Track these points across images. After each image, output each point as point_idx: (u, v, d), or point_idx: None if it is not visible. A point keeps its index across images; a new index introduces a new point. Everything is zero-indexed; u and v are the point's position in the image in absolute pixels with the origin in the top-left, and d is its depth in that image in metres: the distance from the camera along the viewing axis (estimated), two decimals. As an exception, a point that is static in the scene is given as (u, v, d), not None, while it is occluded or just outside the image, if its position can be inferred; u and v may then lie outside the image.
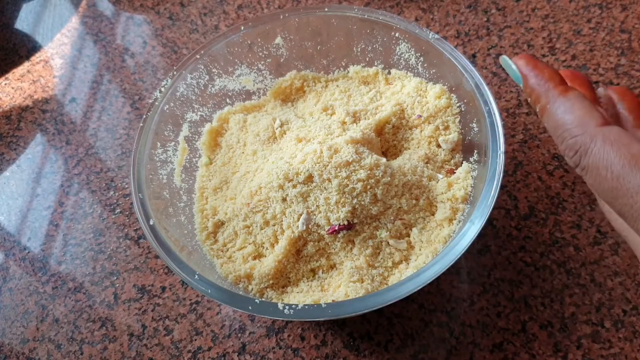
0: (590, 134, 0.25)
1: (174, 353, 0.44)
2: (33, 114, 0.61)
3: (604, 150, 0.24)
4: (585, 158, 0.25)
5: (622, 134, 0.25)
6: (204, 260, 0.42)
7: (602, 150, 0.24)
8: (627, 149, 0.24)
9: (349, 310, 0.34)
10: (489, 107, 0.41)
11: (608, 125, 0.25)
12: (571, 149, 0.26)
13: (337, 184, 0.40)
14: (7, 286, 0.49)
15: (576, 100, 0.26)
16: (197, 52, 0.48)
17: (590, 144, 0.25)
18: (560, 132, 0.26)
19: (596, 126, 0.25)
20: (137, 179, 0.41)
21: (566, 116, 0.26)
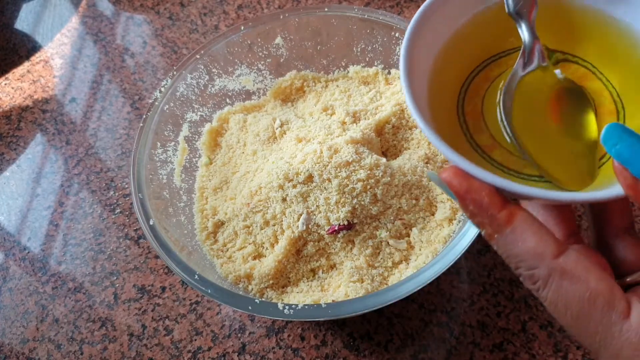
0: (547, 267, 0.22)
1: (174, 353, 0.44)
2: (33, 114, 0.61)
3: (562, 287, 0.22)
4: (543, 291, 0.23)
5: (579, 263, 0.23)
6: (204, 260, 0.42)
7: (560, 287, 0.22)
8: (585, 285, 0.22)
9: (349, 310, 0.34)
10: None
11: (565, 252, 0.23)
12: (529, 280, 0.24)
13: (337, 184, 0.40)
14: (7, 286, 0.49)
15: (526, 227, 0.23)
16: (197, 52, 0.48)
17: (548, 278, 0.23)
18: (515, 262, 0.23)
19: (552, 258, 0.23)
20: (137, 179, 0.41)
21: (517, 248, 0.23)
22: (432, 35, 0.30)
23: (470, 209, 0.24)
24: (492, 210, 0.23)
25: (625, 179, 0.21)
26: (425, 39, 0.29)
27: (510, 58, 0.30)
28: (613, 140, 0.22)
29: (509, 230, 0.23)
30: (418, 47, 0.29)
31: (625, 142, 0.22)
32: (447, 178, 0.24)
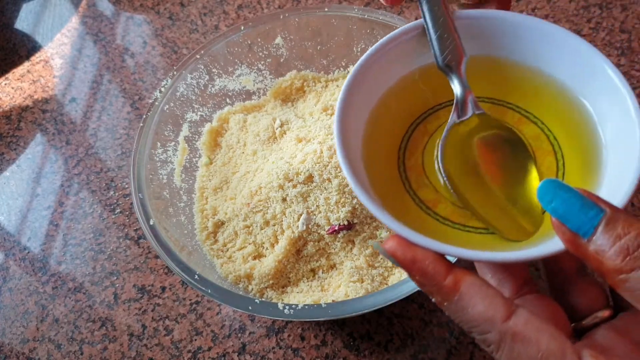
0: (498, 331, 0.22)
1: (174, 353, 0.44)
2: (33, 114, 0.61)
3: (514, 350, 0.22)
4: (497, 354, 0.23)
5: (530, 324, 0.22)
6: (204, 260, 0.42)
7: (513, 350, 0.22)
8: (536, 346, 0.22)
9: (349, 310, 0.34)
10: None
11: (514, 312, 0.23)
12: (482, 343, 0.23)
13: (337, 184, 0.40)
14: (7, 286, 0.49)
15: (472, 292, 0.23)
16: (197, 52, 0.48)
17: (500, 342, 0.22)
18: (467, 327, 0.23)
19: (502, 321, 0.22)
20: (137, 179, 0.41)
21: (467, 314, 0.23)
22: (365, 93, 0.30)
23: (417, 279, 0.24)
24: (438, 279, 0.23)
25: (564, 234, 0.22)
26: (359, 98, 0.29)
27: (447, 110, 0.30)
28: (548, 197, 0.22)
29: (456, 297, 0.23)
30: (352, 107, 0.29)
31: (560, 197, 0.22)
32: (390, 249, 0.24)
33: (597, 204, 0.21)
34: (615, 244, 0.20)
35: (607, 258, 0.20)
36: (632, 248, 0.20)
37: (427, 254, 0.23)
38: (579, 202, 0.21)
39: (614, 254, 0.20)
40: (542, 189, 0.22)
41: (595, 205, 0.21)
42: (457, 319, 0.24)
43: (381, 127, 0.30)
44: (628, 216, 0.21)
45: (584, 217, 0.21)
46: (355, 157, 0.28)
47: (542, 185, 0.22)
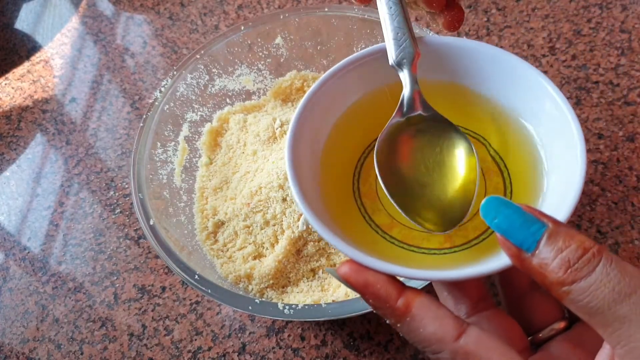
0: (450, 351, 0.23)
1: (174, 353, 0.44)
2: (33, 114, 0.61)
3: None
4: None
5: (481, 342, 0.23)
6: (204, 260, 0.42)
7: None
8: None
9: (349, 310, 0.34)
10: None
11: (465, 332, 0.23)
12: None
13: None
14: (7, 286, 0.49)
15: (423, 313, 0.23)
16: (197, 52, 0.48)
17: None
18: (421, 347, 0.24)
19: (453, 341, 0.23)
20: (137, 179, 0.41)
21: (419, 334, 0.23)
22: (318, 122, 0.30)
23: (371, 302, 0.24)
24: (390, 301, 0.24)
25: (509, 249, 0.22)
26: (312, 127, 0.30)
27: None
28: (492, 214, 0.22)
29: (408, 319, 0.23)
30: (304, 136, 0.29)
31: (502, 214, 0.22)
32: (344, 275, 0.24)
33: (539, 219, 0.21)
34: (557, 257, 0.21)
35: (549, 271, 0.21)
36: (573, 260, 0.20)
37: (378, 277, 0.24)
38: (521, 218, 0.22)
39: (556, 266, 0.20)
40: (485, 206, 0.23)
41: (537, 220, 0.21)
42: (410, 340, 0.24)
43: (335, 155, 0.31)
44: (569, 229, 0.21)
45: (527, 232, 0.21)
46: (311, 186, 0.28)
47: (485, 203, 0.23)
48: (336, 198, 0.30)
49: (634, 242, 0.45)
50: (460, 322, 0.23)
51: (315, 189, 0.29)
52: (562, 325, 0.27)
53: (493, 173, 0.29)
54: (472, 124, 0.31)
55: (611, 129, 0.51)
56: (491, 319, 0.27)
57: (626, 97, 0.53)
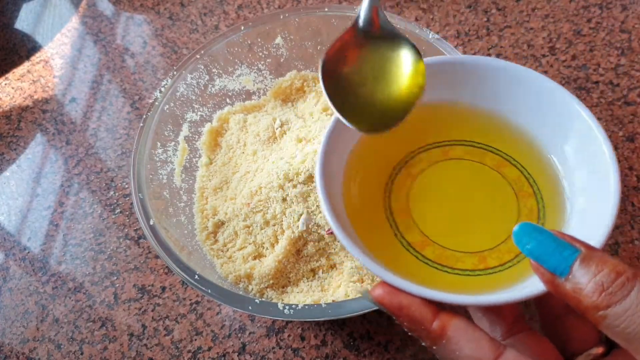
0: None
1: (174, 353, 0.44)
2: (33, 114, 0.61)
3: None
4: None
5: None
6: (204, 260, 0.42)
7: None
8: None
9: (349, 310, 0.34)
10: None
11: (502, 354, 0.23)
12: None
13: (337, 184, 0.40)
14: (7, 286, 0.49)
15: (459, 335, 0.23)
16: (197, 52, 0.48)
17: None
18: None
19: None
20: (137, 179, 0.41)
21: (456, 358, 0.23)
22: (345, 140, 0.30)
23: (405, 325, 0.24)
24: (425, 324, 0.24)
25: (542, 274, 0.22)
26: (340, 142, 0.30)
27: (428, 153, 0.31)
28: (524, 240, 0.23)
29: (444, 341, 0.23)
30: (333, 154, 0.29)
31: (535, 240, 0.22)
32: (378, 297, 0.24)
33: (571, 244, 0.22)
34: (590, 281, 0.21)
35: (584, 295, 0.21)
36: (607, 284, 0.20)
37: (413, 300, 0.24)
38: (554, 243, 0.22)
39: (590, 290, 0.20)
40: (517, 232, 0.23)
41: (569, 245, 0.22)
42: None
43: (362, 172, 0.31)
44: (603, 254, 0.21)
45: (559, 257, 0.21)
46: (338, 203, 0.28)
47: (517, 229, 0.23)
48: (365, 214, 0.29)
49: (634, 242, 0.45)
50: (496, 345, 0.23)
51: (342, 204, 0.29)
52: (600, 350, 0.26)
53: (527, 195, 0.29)
54: (500, 145, 0.31)
55: (611, 129, 0.51)
56: (527, 341, 0.27)
57: (626, 97, 0.53)
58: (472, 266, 0.27)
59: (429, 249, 0.28)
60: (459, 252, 0.28)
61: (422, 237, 0.28)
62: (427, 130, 0.31)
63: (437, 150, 0.31)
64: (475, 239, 0.28)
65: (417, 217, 0.29)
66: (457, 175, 0.30)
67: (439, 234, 0.28)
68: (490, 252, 0.27)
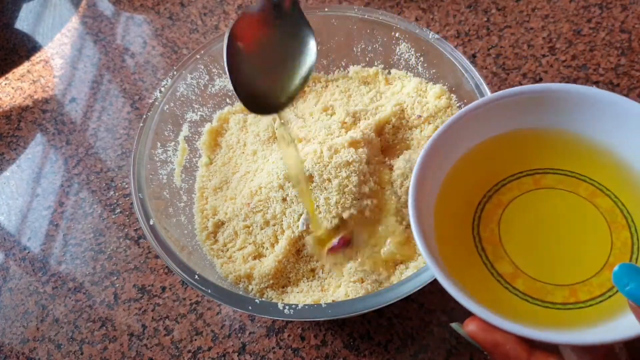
0: None
1: (174, 353, 0.44)
2: (33, 114, 0.61)
3: None
4: None
5: None
6: (204, 260, 0.42)
7: None
8: None
9: (349, 310, 0.34)
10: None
11: None
12: None
13: (337, 184, 0.40)
14: (7, 286, 0.49)
15: None
16: (197, 52, 0.48)
17: None
18: None
19: None
20: (137, 179, 0.41)
21: None
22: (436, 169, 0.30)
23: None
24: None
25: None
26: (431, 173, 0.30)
27: (519, 182, 0.31)
28: (624, 281, 0.22)
29: None
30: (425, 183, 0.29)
31: (635, 281, 0.22)
32: (472, 333, 0.24)
33: None
34: None
35: None
36: None
37: (508, 337, 0.24)
38: None
39: None
40: (617, 273, 0.22)
41: None
42: None
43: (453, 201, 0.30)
44: None
45: None
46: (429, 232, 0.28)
47: (617, 270, 0.22)
48: (453, 245, 0.29)
49: (634, 242, 0.45)
50: None
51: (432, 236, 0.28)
52: None
53: (621, 227, 0.28)
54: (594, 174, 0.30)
55: (611, 129, 0.51)
56: None
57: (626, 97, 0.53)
58: (563, 299, 0.27)
59: (520, 280, 0.27)
60: (549, 284, 0.27)
61: (512, 267, 0.28)
62: (518, 158, 0.31)
63: (528, 179, 0.30)
64: (567, 271, 0.27)
65: (507, 246, 0.28)
66: (548, 205, 0.30)
67: (530, 265, 0.28)
68: (582, 285, 0.27)
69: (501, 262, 0.28)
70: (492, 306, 0.25)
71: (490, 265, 0.28)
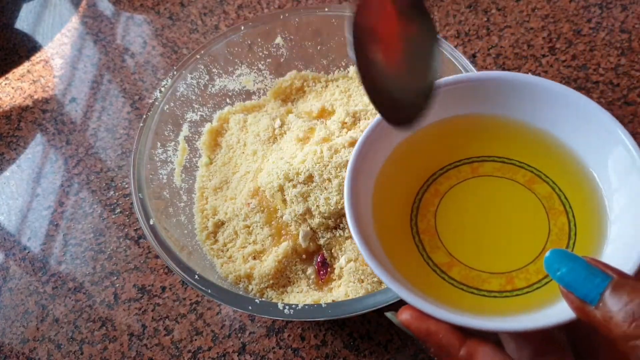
0: None
1: (174, 353, 0.44)
2: (33, 114, 0.61)
3: None
4: None
5: None
6: (204, 260, 0.42)
7: None
8: None
9: (349, 310, 0.34)
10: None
11: None
12: None
13: (337, 184, 0.40)
14: (7, 286, 0.49)
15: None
16: (197, 52, 0.48)
17: None
18: None
19: None
20: (137, 179, 0.41)
21: None
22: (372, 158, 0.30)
23: (432, 351, 0.24)
24: (452, 351, 0.23)
25: (572, 301, 0.22)
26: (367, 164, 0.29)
27: (457, 170, 0.30)
28: (555, 266, 0.22)
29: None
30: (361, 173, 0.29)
31: (566, 266, 0.22)
32: (405, 322, 0.24)
33: (603, 271, 0.21)
34: (621, 310, 0.20)
35: (614, 325, 0.20)
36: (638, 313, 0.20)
37: (440, 326, 0.24)
38: (585, 270, 0.21)
39: (621, 320, 0.20)
40: (549, 258, 0.22)
41: (601, 272, 0.21)
42: None
43: (391, 190, 0.30)
44: (636, 282, 0.21)
45: (590, 285, 0.21)
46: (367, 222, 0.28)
47: (548, 255, 0.22)
48: (392, 235, 0.29)
49: None
50: None
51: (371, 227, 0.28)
52: None
53: (559, 213, 0.29)
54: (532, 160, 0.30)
55: (611, 129, 0.51)
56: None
57: (626, 97, 0.53)
58: (499, 287, 0.27)
59: (455, 269, 0.28)
60: (485, 272, 0.27)
61: (448, 257, 0.28)
62: (456, 146, 0.31)
63: (466, 167, 0.30)
64: (503, 259, 0.27)
65: (443, 236, 0.29)
66: (485, 193, 0.29)
67: (466, 254, 0.28)
68: (518, 272, 0.27)
69: (437, 252, 0.28)
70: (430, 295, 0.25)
71: (426, 255, 0.28)
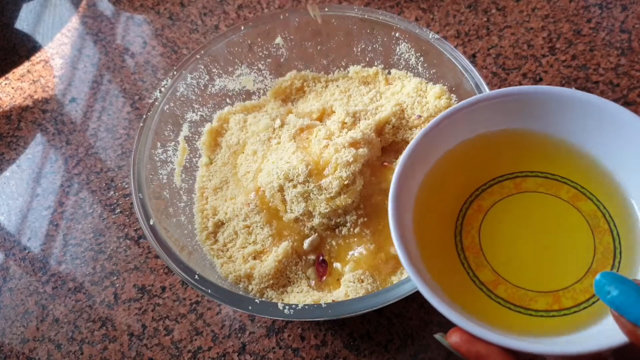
0: None
1: (174, 353, 0.44)
2: (33, 114, 0.61)
3: None
4: None
5: None
6: (204, 260, 0.42)
7: None
8: None
9: (349, 310, 0.34)
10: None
11: None
12: None
13: (337, 184, 0.40)
14: (7, 286, 0.49)
15: None
16: (197, 52, 0.48)
17: None
18: None
19: None
20: (137, 179, 0.41)
21: None
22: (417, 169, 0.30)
23: None
24: None
25: (624, 325, 0.21)
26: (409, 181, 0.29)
27: (500, 186, 0.30)
28: (606, 289, 0.22)
29: None
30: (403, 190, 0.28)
31: (617, 289, 0.22)
32: (455, 344, 0.24)
33: None
34: None
35: None
36: None
37: (491, 349, 0.23)
38: (636, 293, 0.21)
39: None
40: (599, 281, 0.22)
41: None
42: None
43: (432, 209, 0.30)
44: None
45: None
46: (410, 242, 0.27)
47: (599, 278, 0.22)
48: (436, 253, 0.28)
49: (634, 242, 0.45)
50: None
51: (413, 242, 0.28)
52: None
53: (604, 231, 0.28)
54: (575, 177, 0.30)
55: (611, 129, 0.51)
56: None
57: (626, 97, 0.53)
58: (546, 306, 0.26)
59: (501, 287, 0.27)
60: (532, 291, 0.27)
61: (494, 275, 0.27)
62: (499, 161, 0.30)
63: (509, 183, 0.30)
64: (549, 277, 0.27)
65: (488, 254, 0.28)
66: (529, 210, 0.29)
67: (511, 272, 0.27)
68: (565, 291, 0.26)
69: (483, 270, 0.28)
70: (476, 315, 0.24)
71: (472, 273, 0.28)
